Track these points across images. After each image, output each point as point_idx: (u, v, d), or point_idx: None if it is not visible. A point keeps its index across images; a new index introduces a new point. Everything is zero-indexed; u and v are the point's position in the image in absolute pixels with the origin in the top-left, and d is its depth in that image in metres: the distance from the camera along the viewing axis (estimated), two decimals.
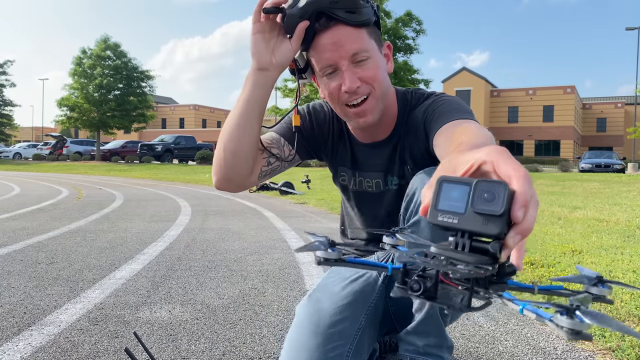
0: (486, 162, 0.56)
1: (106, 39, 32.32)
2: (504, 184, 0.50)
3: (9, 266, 2.99)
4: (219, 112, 67.88)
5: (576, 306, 0.46)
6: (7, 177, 15.69)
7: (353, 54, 1.07)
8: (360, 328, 1.21)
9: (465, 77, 47.72)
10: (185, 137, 31.02)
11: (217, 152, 1.17)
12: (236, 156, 1.14)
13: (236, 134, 1.13)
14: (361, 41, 1.08)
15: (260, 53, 1.11)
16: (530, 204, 0.50)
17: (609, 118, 53.15)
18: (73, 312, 2.11)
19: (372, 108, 1.15)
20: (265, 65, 1.12)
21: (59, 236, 4.17)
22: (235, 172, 1.16)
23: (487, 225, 0.49)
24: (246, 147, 1.14)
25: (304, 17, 1.05)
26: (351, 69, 1.08)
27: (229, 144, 1.14)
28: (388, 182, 1.31)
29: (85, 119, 31.63)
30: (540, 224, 4.94)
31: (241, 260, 3.24)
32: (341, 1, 1.03)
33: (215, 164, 1.17)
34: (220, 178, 1.18)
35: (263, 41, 1.11)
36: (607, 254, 3.38)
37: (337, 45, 1.06)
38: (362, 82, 1.10)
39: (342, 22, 1.05)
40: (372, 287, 1.26)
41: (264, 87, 1.13)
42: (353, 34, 1.06)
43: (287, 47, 1.10)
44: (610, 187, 11.21)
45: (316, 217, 5.80)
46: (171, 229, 4.64)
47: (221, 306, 2.23)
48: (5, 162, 31.93)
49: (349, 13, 1.04)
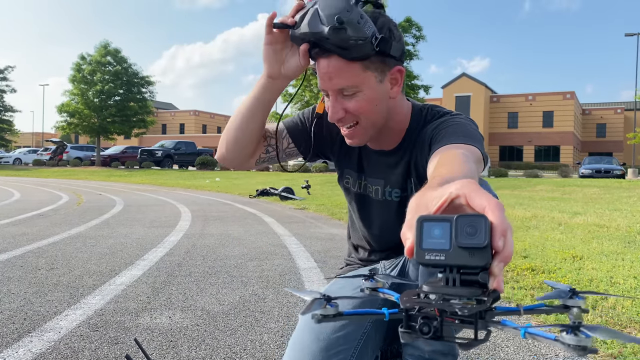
0: (458, 195, 0.58)
1: (106, 45, 32.38)
2: (483, 217, 0.52)
3: (9, 272, 2.98)
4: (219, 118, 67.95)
5: (578, 323, 0.49)
6: (7, 183, 15.69)
7: (339, 89, 1.10)
8: (365, 332, 1.20)
9: (465, 82, 47.78)
10: (185, 143, 31.04)
11: (224, 133, 1.28)
12: (237, 143, 1.26)
13: (241, 125, 1.24)
14: (351, 77, 1.08)
15: (270, 63, 1.16)
16: (507, 233, 0.53)
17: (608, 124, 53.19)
18: (73, 318, 2.11)
19: (359, 134, 1.18)
20: (273, 74, 1.17)
21: (59, 242, 4.17)
22: (234, 155, 1.28)
23: (473, 258, 0.52)
24: (247, 137, 1.25)
25: (305, 41, 1.07)
26: (339, 99, 1.11)
27: (233, 132, 1.25)
28: (386, 193, 1.32)
29: (85, 125, 31.66)
30: (541, 230, 4.94)
31: (241, 266, 3.23)
32: (331, 38, 1.02)
33: (221, 142, 1.29)
34: (221, 155, 1.31)
35: (273, 52, 1.15)
36: (608, 260, 3.38)
37: (328, 77, 1.09)
38: (348, 113, 1.13)
39: (336, 54, 1.06)
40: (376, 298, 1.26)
41: (272, 92, 1.21)
42: (344, 70, 1.07)
43: (296, 62, 1.14)
44: (611, 193, 11.21)
45: (316, 222, 5.80)
46: (171, 235, 4.64)
47: (221, 312, 2.22)
48: (6, 167, 31.93)
49: (340, 49, 1.04)
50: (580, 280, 2.76)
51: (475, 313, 0.50)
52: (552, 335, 0.49)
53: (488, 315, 0.52)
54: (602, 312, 2.17)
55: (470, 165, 0.89)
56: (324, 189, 12.38)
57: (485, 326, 0.52)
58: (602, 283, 2.70)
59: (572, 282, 2.73)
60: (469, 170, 0.85)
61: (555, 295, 0.62)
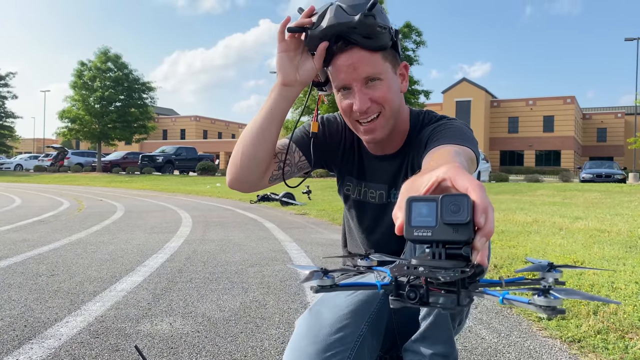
0: (445, 178, 0.65)
1: (106, 51, 32.45)
2: (466, 196, 0.58)
3: (9, 279, 2.98)
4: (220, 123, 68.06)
5: (548, 287, 0.56)
6: (8, 189, 15.70)
7: (365, 77, 1.14)
8: (361, 335, 1.21)
9: (465, 87, 47.85)
10: (186, 148, 31.08)
11: (235, 154, 1.24)
12: (252, 159, 1.22)
13: (256, 139, 1.21)
14: (375, 65, 1.13)
15: (285, 70, 1.18)
16: (488, 210, 0.59)
17: (609, 128, 53.21)
18: (74, 325, 2.11)
19: (381, 126, 1.20)
20: (289, 82, 1.19)
21: (60, 248, 4.17)
22: (249, 174, 1.24)
23: (457, 234, 0.57)
24: (263, 151, 1.22)
25: (324, 39, 1.11)
26: (363, 90, 1.15)
27: (248, 148, 1.22)
28: (391, 195, 1.34)
29: (86, 131, 31.70)
30: (542, 235, 4.93)
31: (242, 272, 3.23)
32: (359, 27, 1.08)
33: (232, 164, 1.25)
34: (233, 178, 1.25)
35: (288, 59, 1.18)
36: (609, 265, 3.37)
37: (352, 68, 1.12)
38: (373, 102, 1.16)
39: (359, 46, 1.11)
40: (373, 296, 1.28)
41: (287, 100, 1.21)
42: (368, 58, 1.12)
43: (310, 65, 1.17)
44: (612, 198, 11.20)
45: (317, 228, 5.79)
46: (172, 241, 4.64)
47: (222, 319, 2.22)
48: (7, 173, 31.97)
49: (365, 38, 1.09)
50: (582, 285, 2.76)
51: (458, 281, 0.56)
52: (527, 300, 0.56)
53: (472, 286, 0.58)
54: (604, 317, 2.16)
55: (460, 159, 0.92)
56: (325, 194, 12.38)
57: (468, 295, 0.58)
58: (604, 288, 2.70)
59: (574, 287, 2.72)
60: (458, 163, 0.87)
61: (534, 269, 0.69)
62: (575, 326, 2.06)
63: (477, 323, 2.18)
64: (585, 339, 1.93)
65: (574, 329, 2.03)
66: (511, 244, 4.27)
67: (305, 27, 1.13)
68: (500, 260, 3.47)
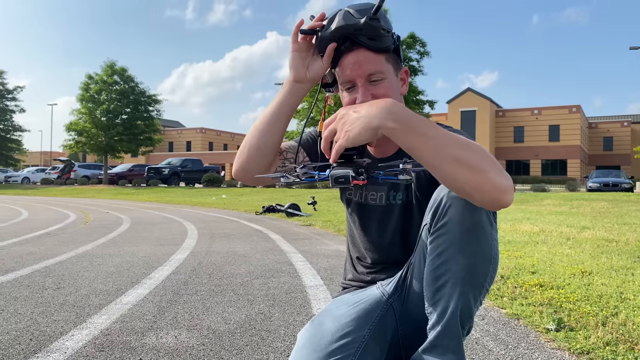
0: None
1: (112, 64, 32.75)
2: None
3: (16, 292, 2.99)
4: (225, 135, 68.33)
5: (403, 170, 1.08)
6: (16, 202, 15.79)
7: (369, 74, 1.22)
8: (363, 342, 1.22)
9: (470, 97, 47.87)
10: (192, 160, 31.19)
11: (243, 144, 1.31)
12: (259, 150, 1.28)
13: (264, 131, 1.28)
14: (378, 64, 1.23)
15: (297, 68, 1.28)
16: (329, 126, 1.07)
17: (615, 137, 52.99)
18: (79, 338, 2.10)
19: None
20: (300, 78, 1.28)
21: (66, 261, 4.18)
22: (254, 165, 1.29)
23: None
24: (269, 143, 1.28)
25: (333, 40, 1.22)
26: (366, 85, 1.23)
27: (255, 139, 1.29)
28: (390, 197, 1.39)
29: (93, 143, 31.91)
30: (549, 245, 4.90)
31: (247, 284, 3.22)
32: (365, 29, 1.18)
33: (239, 154, 1.31)
34: (239, 167, 1.31)
35: (299, 58, 1.28)
36: (618, 275, 3.34)
37: (357, 65, 1.22)
38: (374, 98, 1.22)
39: (364, 47, 1.21)
40: (376, 304, 1.30)
41: (296, 95, 1.30)
42: (372, 58, 1.22)
43: (319, 64, 1.28)
44: (619, 207, 11.12)
45: (323, 239, 5.78)
46: (178, 253, 4.64)
47: (227, 331, 2.21)
48: (14, 186, 32.16)
49: (370, 40, 1.20)
50: (590, 295, 2.73)
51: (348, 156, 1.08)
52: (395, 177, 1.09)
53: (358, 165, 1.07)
54: (613, 328, 2.14)
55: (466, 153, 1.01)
56: (330, 205, 12.37)
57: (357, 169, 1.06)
58: (612, 299, 2.67)
59: (582, 298, 2.70)
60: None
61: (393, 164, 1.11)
62: (584, 337, 2.04)
63: (484, 335, 2.16)
64: (594, 350, 1.91)
65: (583, 341, 2.01)
66: (518, 254, 4.25)
67: (316, 29, 1.25)
68: (507, 270, 3.44)
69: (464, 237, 1.09)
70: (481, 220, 1.09)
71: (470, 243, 1.09)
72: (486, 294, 1.18)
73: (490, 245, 1.11)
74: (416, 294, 1.23)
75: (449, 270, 1.11)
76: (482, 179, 0.97)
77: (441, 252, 1.12)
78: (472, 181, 0.97)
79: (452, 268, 1.10)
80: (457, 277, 1.10)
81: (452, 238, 1.10)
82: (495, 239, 1.14)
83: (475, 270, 1.10)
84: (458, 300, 1.11)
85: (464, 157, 0.98)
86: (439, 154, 0.98)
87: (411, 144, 1.00)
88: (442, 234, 1.11)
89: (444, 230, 1.11)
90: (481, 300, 1.17)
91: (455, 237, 1.10)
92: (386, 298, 1.31)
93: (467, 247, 1.09)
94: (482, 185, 0.97)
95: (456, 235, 1.10)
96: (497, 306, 2.63)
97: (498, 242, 1.16)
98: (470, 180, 0.97)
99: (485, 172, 0.97)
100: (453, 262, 1.10)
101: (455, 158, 0.98)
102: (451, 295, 1.11)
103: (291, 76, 1.29)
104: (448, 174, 0.99)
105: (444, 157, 0.98)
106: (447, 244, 1.11)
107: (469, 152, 0.99)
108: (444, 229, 1.12)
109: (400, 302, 1.30)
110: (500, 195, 0.98)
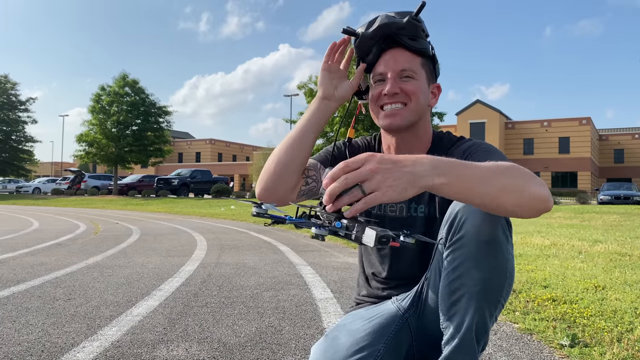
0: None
1: (124, 76, 33.09)
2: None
3: (27, 303, 3.00)
4: (234, 146, 68.66)
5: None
6: (27, 212, 15.92)
7: (402, 69, 1.28)
8: (378, 356, 1.21)
9: (479, 109, 47.80)
10: (201, 171, 31.35)
11: (269, 163, 1.31)
12: (287, 167, 1.28)
13: (292, 147, 1.29)
14: (412, 63, 1.29)
15: (325, 85, 1.33)
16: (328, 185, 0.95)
17: (626, 149, 52.59)
18: (90, 350, 2.10)
19: (402, 114, 1.31)
20: (328, 96, 1.33)
21: (77, 272, 4.19)
22: (280, 183, 1.28)
23: None
24: (297, 161, 1.29)
25: (374, 39, 1.27)
26: (396, 79, 1.28)
27: (283, 156, 1.29)
28: (411, 209, 1.37)
29: (103, 154, 32.15)
30: (561, 259, 4.85)
31: (257, 297, 3.21)
32: (407, 27, 1.25)
33: (264, 174, 1.30)
34: (264, 188, 1.29)
35: (328, 77, 1.33)
36: (632, 290, 3.30)
37: (393, 60, 1.28)
38: (402, 91, 1.29)
39: (403, 46, 1.27)
40: (392, 319, 1.29)
41: (324, 112, 1.33)
42: (409, 56, 1.28)
43: (348, 84, 1.33)
44: (631, 220, 11.01)
45: (332, 251, 5.76)
46: (187, 264, 4.64)
47: (238, 344, 2.20)
48: (25, 196, 32.44)
49: (410, 39, 1.26)
50: (604, 311, 2.69)
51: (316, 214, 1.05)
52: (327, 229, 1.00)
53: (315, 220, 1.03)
54: (628, 345, 2.11)
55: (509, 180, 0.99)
56: None
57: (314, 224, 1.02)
58: (627, 314, 2.63)
59: (596, 313, 2.66)
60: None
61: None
62: (599, 354, 2.01)
63: (497, 350, 2.14)
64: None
65: (598, 357, 1.98)
66: (529, 267, 4.20)
67: (357, 32, 1.30)
68: (519, 284, 3.41)
69: (479, 252, 1.08)
70: (497, 234, 1.08)
71: (486, 257, 1.08)
72: (502, 309, 1.17)
73: (507, 260, 1.10)
74: (432, 309, 1.22)
75: (464, 284, 1.10)
76: (524, 197, 0.98)
77: (457, 266, 1.11)
78: (515, 201, 0.98)
79: (468, 282, 1.09)
80: (473, 292, 1.09)
81: (468, 252, 1.09)
82: (511, 253, 1.13)
83: (491, 285, 1.09)
84: (473, 315, 1.09)
85: (506, 184, 0.98)
86: (484, 194, 0.97)
87: (460, 194, 0.97)
88: (457, 247, 1.10)
89: (459, 244, 1.10)
90: (496, 316, 1.15)
91: (470, 251, 1.09)
92: (402, 313, 1.29)
93: (483, 261, 1.08)
94: (525, 202, 0.99)
95: (472, 250, 1.08)
96: (509, 320, 2.60)
97: (514, 257, 1.15)
98: (514, 201, 0.98)
99: (525, 190, 0.98)
100: (468, 276, 1.09)
101: (499, 189, 0.97)
102: (467, 310, 1.10)
103: (320, 93, 1.33)
104: (494, 206, 0.99)
105: (489, 195, 0.97)
106: (462, 258, 1.10)
107: (510, 178, 0.99)
108: (459, 242, 1.10)
109: (415, 317, 1.29)
110: (541, 204, 1.01)
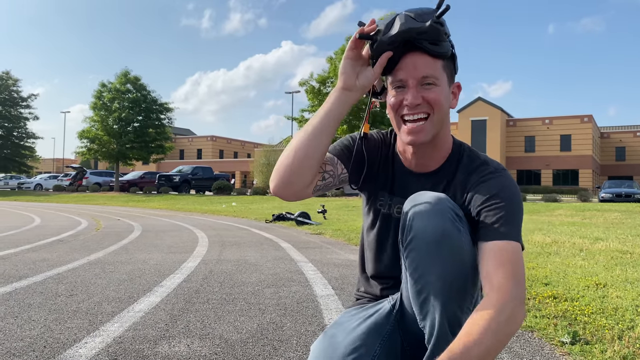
0: None
1: (126, 73, 33.11)
2: None
3: (29, 298, 3.01)
4: (236, 143, 68.68)
5: None
6: (28, 208, 15.94)
7: (423, 76, 1.21)
8: (375, 356, 1.22)
9: (480, 107, 47.71)
10: (202, 168, 31.36)
11: (285, 157, 1.24)
12: (306, 158, 1.22)
13: (311, 139, 1.23)
14: (434, 69, 1.21)
15: (347, 74, 1.26)
16: None
17: (628, 147, 52.49)
18: (92, 346, 2.11)
19: (426, 130, 1.24)
20: (349, 86, 1.26)
21: (79, 268, 4.20)
22: (298, 176, 1.22)
23: None
24: (317, 155, 1.23)
25: (392, 45, 1.20)
26: (419, 89, 1.22)
27: (302, 149, 1.22)
28: None
29: (104, 151, 32.22)
30: (562, 256, 4.85)
31: (258, 293, 3.22)
32: (429, 32, 1.17)
33: (280, 167, 1.24)
34: (280, 183, 1.23)
35: (351, 66, 1.26)
36: (633, 288, 3.30)
37: (413, 67, 1.21)
38: (424, 101, 1.22)
39: (423, 51, 1.19)
40: (386, 318, 1.30)
41: (345, 104, 1.26)
42: (430, 62, 1.21)
43: (370, 72, 1.25)
44: (632, 218, 11.00)
45: (333, 248, 5.77)
46: (189, 261, 4.65)
47: (240, 341, 2.21)
48: (27, 193, 32.48)
49: (432, 44, 1.19)
50: (605, 308, 2.70)
51: None
52: None
53: None
54: (629, 342, 2.11)
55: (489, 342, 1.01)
56: (340, 213, 12.35)
57: None
58: (628, 312, 2.63)
59: (597, 310, 2.66)
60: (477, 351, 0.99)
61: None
62: (600, 351, 2.01)
63: None
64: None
65: (599, 355, 1.98)
66: (531, 265, 4.21)
67: (373, 35, 1.23)
68: None
69: (432, 249, 1.10)
70: (446, 228, 1.10)
71: (439, 253, 1.10)
72: (479, 297, 1.17)
73: (462, 250, 1.11)
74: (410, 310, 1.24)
75: (427, 283, 1.12)
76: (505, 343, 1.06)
77: (416, 267, 1.13)
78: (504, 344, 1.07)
79: (429, 280, 1.11)
80: (437, 289, 1.11)
81: (421, 251, 1.11)
82: (466, 241, 1.13)
83: (452, 278, 1.10)
84: (442, 312, 1.11)
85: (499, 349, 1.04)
86: None
87: None
88: (412, 248, 1.13)
89: (413, 245, 1.13)
90: (470, 307, 1.14)
91: (423, 250, 1.11)
92: (394, 313, 1.30)
93: (438, 258, 1.10)
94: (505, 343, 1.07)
95: (424, 248, 1.11)
96: None
97: (471, 243, 1.15)
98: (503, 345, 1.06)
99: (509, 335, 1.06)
100: (428, 275, 1.11)
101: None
102: (435, 308, 1.12)
103: (341, 82, 1.26)
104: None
105: None
106: (418, 258, 1.12)
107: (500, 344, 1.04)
108: (413, 243, 1.13)
109: (399, 318, 1.30)
110: (519, 325, 1.07)
